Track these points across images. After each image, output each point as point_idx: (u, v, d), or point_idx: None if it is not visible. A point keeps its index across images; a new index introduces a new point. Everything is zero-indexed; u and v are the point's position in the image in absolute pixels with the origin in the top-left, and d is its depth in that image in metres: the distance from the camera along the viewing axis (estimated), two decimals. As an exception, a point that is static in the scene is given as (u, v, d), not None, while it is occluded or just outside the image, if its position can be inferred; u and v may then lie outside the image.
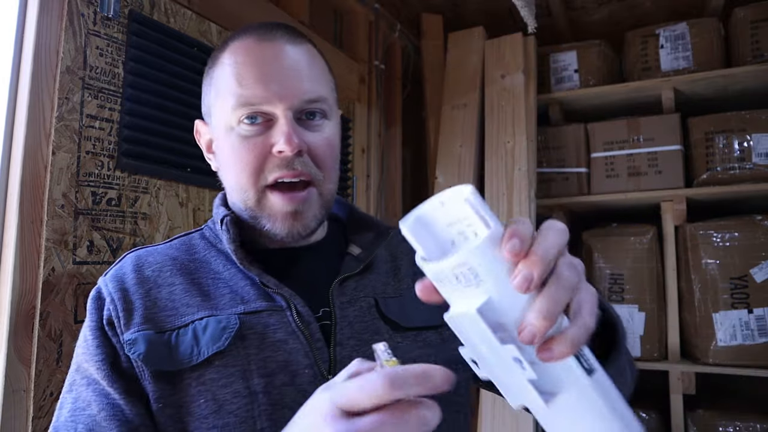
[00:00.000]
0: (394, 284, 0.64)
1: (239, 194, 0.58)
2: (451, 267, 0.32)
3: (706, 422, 1.57)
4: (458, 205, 0.33)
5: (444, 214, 0.35)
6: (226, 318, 0.54)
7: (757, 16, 1.68)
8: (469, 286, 0.32)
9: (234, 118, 0.57)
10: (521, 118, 1.74)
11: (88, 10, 0.90)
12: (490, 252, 0.31)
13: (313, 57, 0.60)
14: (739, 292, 1.56)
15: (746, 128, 1.64)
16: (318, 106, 0.58)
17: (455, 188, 0.33)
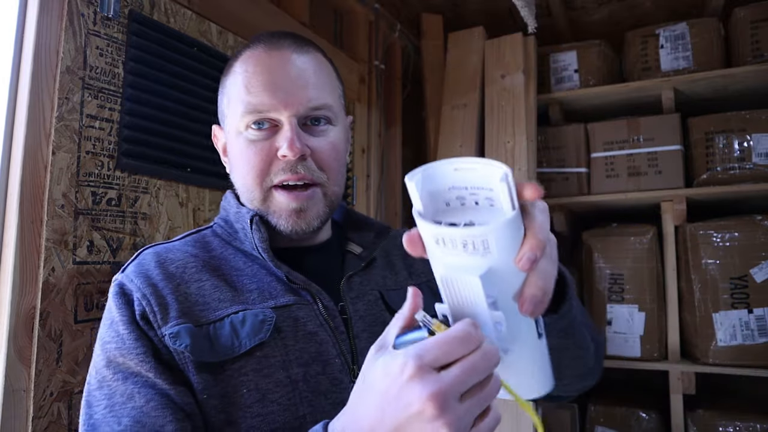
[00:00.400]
0: (393, 278, 0.69)
1: (247, 194, 0.62)
2: (467, 235, 0.35)
3: (706, 422, 1.57)
4: (476, 175, 0.36)
5: (451, 178, 0.37)
6: (262, 311, 0.57)
7: (757, 16, 1.68)
8: (474, 254, 0.36)
9: (243, 123, 0.61)
10: (521, 118, 1.74)
11: (88, 10, 0.90)
12: (509, 231, 0.35)
13: (319, 64, 0.64)
14: (739, 292, 1.56)
15: (746, 128, 1.64)
16: (322, 113, 0.62)
17: (485, 161, 0.35)
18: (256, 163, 0.60)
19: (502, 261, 0.36)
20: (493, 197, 0.37)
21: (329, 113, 0.62)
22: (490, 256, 0.36)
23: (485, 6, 2.00)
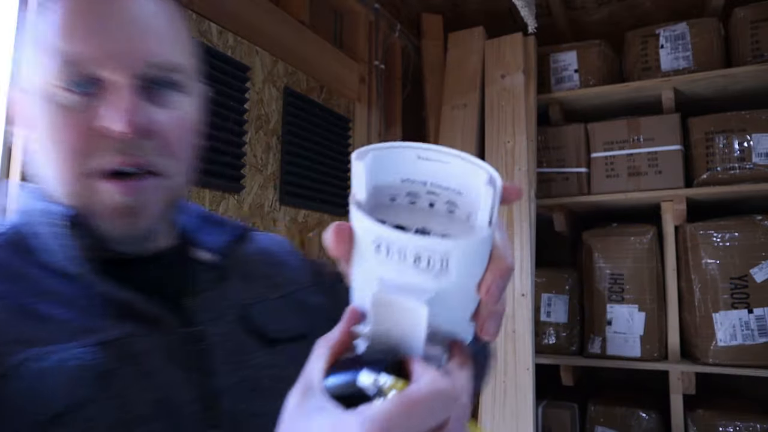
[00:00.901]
0: (254, 288, 0.52)
1: (57, 184, 0.45)
2: (425, 247, 0.27)
3: (706, 422, 1.57)
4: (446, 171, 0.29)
5: (410, 168, 0.30)
6: (82, 352, 0.39)
7: (757, 16, 1.68)
8: (426, 273, 0.27)
9: (52, 82, 0.42)
10: (521, 118, 1.74)
11: (89, 10, 0.90)
12: (479, 251, 0.28)
13: (168, 12, 0.49)
14: (739, 292, 1.56)
15: (746, 128, 1.64)
16: (171, 76, 0.46)
17: (465, 155, 0.29)
18: (70, 140, 0.42)
19: (458, 285, 0.28)
20: (459, 203, 0.30)
21: (180, 76, 0.48)
22: (446, 278, 0.27)
23: (485, 6, 2.00)
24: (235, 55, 1.21)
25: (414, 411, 0.25)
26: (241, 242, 0.55)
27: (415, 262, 0.27)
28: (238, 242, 0.54)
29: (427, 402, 0.25)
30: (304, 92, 1.45)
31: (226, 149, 1.17)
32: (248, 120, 1.24)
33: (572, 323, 1.82)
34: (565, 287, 1.85)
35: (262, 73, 1.30)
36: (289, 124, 1.38)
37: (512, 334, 1.58)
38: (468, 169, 0.29)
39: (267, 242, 0.60)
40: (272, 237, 0.63)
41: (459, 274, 0.28)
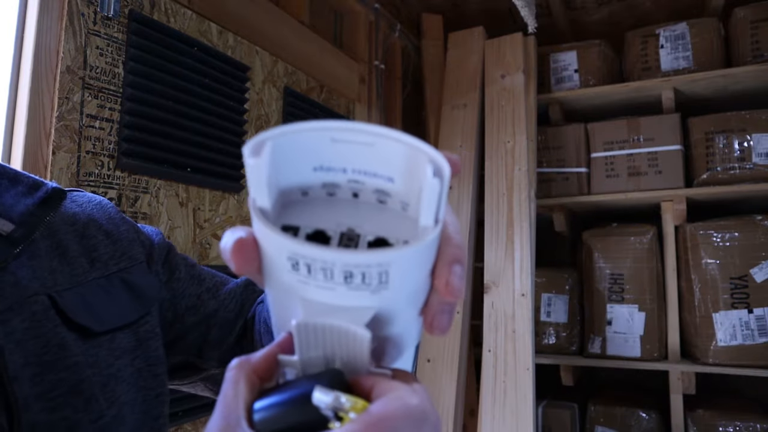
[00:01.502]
0: (67, 269, 0.42)
1: None
2: (357, 264, 0.22)
3: (706, 422, 1.57)
4: (370, 154, 0.23)
5: (322, 153, 0.23)
6: None
7: (757, 15, 1.68)
8: (361, 290, 0.22)
9: None
10: (521, 118, 1.74)
11: (88, 9, 0.90)
12: (424, 255, 0.23)
13: None
14: (739, 292, 1.56)
15: (746, 128, 1.64)
16: None
17: (393, 133, 0.22)
18: None
19: (403, 294, 0.24)
20: (391, 191, 0.24)
21: None
22: (387, 292, 0.23)
23: (485, 6, 2.00)
24: (235, 55, 1.21)
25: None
26: (48, 207, 0.43)
27: (347, 280, 0.22)
28: (43, 207, 0.42)
29: (398, 421, 0.21)
30: (304, 92, 1.44)
31: (226, 149, 1.17)
32: (248, 120, 1.24)
33: (572, 323, 1.82)
34: (565, 287, 1.85)
35: (262, 73, 1.30)
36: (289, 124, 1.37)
37: (512, 334, 1.58)
38: (400, 150, 0.22)
39: (85, 207, 0.47)
40: (93, 199, 0.49)
41: (403, 284, 0.23)
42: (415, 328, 0.27)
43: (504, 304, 1.60)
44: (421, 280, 0.24)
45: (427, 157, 0.22)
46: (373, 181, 0.24)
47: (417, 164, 0.22)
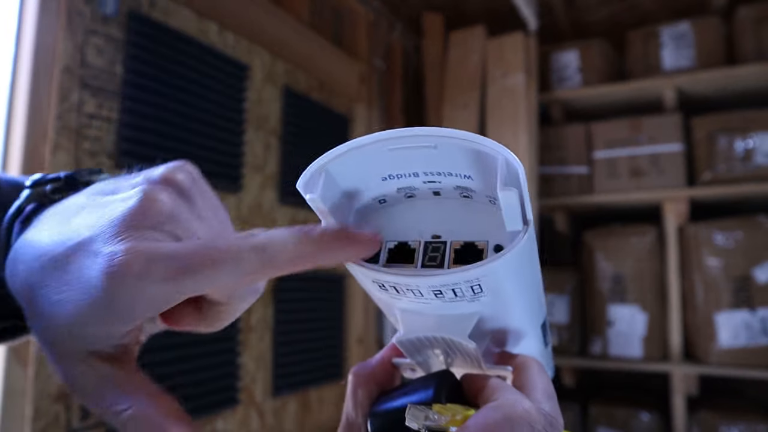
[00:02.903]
0: None
1: None
2: (443, 283, 0.21)
3: (709, 423, 1.56)
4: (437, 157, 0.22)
5: (385, 163, 0.22)
6: None
7: (761, 14, 1.67)
8: (454, 301, 0.22)
9: None
10: (522, 117, 1.74)
11: (87, 8, 0.90)
12: (520, 260, 0.22)
13: None
14: (742, 293, 1.55)
15: (749, 128, 1.63)
16: None
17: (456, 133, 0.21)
18: None
19: (506, 294, 0.23)
20: (473, 187, 0.23)
21: None
22: (486, 299, 0.22)
23: (486, 5, 1.99)
24: (234, 55, 1.20)
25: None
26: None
27: (437, 296, 0.21)
28: None
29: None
30: (303, 92, 1.44)
31: (225, 149, 1.17)
32: (247, 119, 1.24)
33: (573, 324, 1.82)
34: (566, 288, 1.84)
35: (262, 72, 1.29)
36: (289, 123, 1.37)
37: (513, 334, 1.57)
38: (467, 149, 0.21)
39: None
40: None
41: (503, 289, 0.22)
42: (534, 311, 0.26)
43: (505, 304, 1.59)
44: (527, 275, 0.23)
45: (497, 154, 0.20)
46: (450, 180, 0.22)
47: (488, 161, 0.21)
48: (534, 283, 0.24)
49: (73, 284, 0.20)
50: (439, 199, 0.24)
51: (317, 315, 1.44)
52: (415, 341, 0.23)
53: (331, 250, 0.21)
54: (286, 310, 1.32)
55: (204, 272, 0.19)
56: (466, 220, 0.23)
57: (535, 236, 0.22)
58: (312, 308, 1.43)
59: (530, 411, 0.20)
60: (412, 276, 0.21)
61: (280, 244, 0.20)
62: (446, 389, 0.22)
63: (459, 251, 0.22)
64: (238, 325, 1.17)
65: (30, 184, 0.26)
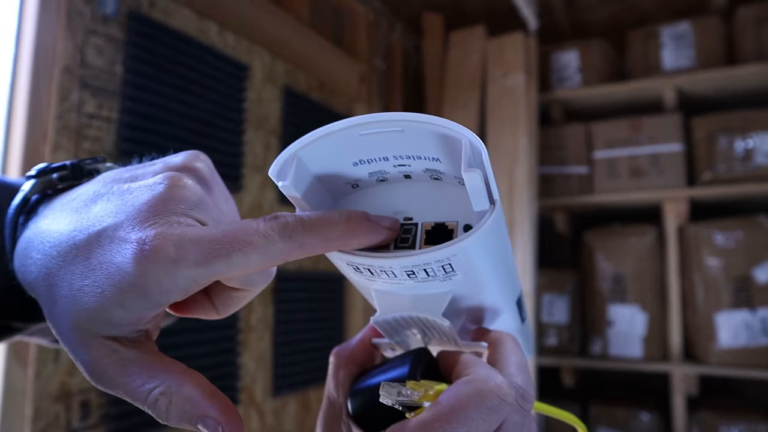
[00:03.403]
0: None
1: None
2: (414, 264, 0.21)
3: (709, 424, 1.56)
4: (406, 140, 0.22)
5: (356, 148, 0.22)
6: None
7: (761, 14, 1.67)
8: (427, 281, 0.22)
9: None
10: (522, 117, 1.74)
11: (87, 8, 0.90)
12: (489, 238, 0.22)
13: None
14: (742, 293, 1.55)
15: (749, 128, 1.63)
16: None
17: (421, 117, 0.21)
18: None
19: (477, 272, 0.23)
20: (441, 169, 0.23)
21: None
22: (457, 278, 0.22)
23: (486, 5, 1.99)
24: (234, 55, 1.20)
25: (448, 426, 0.20)
26: None
27: (410, 276, 0.22)
28: None
29: (470, 410, 0.20)
30: (303, 91, 1.44)
31: (225, 149, 1.17)
32: (247, 119, 1.24)
33: (573, 324, 1.82)
34: (567, 288, 1.84)
35: (262, 72, 1.29)
36: (289, 123, 1.37)
37: (513, 334, 1.57)
38: (432, 132, 0.21)
39: None
40: None
41: (474, 267, 0.22)
42: (508, 288, 0.26)
43: (505, 304, 1.59)
44: (497, 253, 0.23)
45: (457, 133, 0.20)
46: (419, 163, 0.23)
47: (453, 144, 0.21)
48: (505, 260, 0.25)
49: (98, 270, 0.20)
50: (410, 182, 0.24)
51: (317, 315, 1.44)
52: (391, 321, 0.24)
53: (357, 235, 0.22)
54: (286, 310, 1.32)
55: (235, 255, 0.19)
56: (436, 202, 0.23)
57: (503, 215, 0.23)
58: (312, 308, 1.43)
59: (501, 385, 0.21)
60: (384, 258, 0.21)
61: (309, 227, 0.21)
62: (422, 366, 0.23)
63: (430, 232, 0.23)
64: (238, 325, 1.17)
65: (35, 173, 0.26)
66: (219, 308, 0.25)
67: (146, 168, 0.24)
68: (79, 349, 0.20)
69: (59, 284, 0.20)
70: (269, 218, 0.21)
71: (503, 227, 0.23)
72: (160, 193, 0.21)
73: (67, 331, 0.20)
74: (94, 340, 0.20)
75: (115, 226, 0.20)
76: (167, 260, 0.19)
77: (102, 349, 0.20)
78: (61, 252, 0.21)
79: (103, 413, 0.89)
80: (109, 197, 0.22)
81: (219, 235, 0.20)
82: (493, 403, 0.20)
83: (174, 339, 1.01)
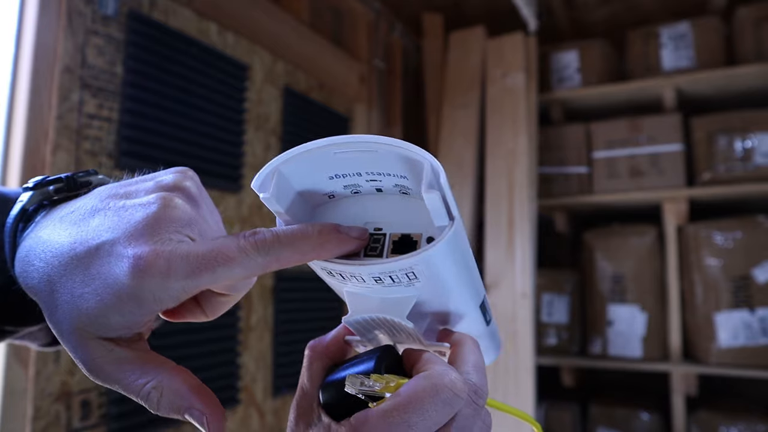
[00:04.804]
0: None
1: None
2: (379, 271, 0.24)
3: (708, 423, 1.56)
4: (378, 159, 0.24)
5: (332, 164, 0.25)
6: None
7: (760, 14, 1.68)
8: (392, 287, 0.25)
9: None
10: (522, 117, 1.74)
11: (87, 8, 0.90)
12: (449, 251, 0.24)
13: None
14: (742, 293, 1.55)
15: (749, 128, 1.63)
16: None
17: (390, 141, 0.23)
18: None
19: (440, 280, 0.25)
20: (409, 186, 0.25)
21: None
22: (420, 284, 0.24)
23: (486, 5, 1.99)
24: (234, 55, 1.21)
25: (405, 415, 0.22)
26: None
27: (377, 282, 0.24)
28: None
29: (426, 402, 0.22)
30: (303, 91, 1.44)
31: (225, 149, 1.17)
32: (247, 119, 1.24)
33: (573, 324, 1.82)
34: (566, 288, 1.84)
35: (262, 72, 1.30)
36: (289, 123, 1.37)
37: (513, 335, 1.57)
38: (399, 155, 0.23)
39: None
40: None
41: (436, 276, 0.24)
42: (470, 294, 0.28)
43: (505, 304, 1.59)
44: (458, 263, 0.25)
45: (420, 157, 0.23)
46: (389, 179, 0.25)
47: (417, 165, 0.24)
48: (465, 270, 0.26)
49: (97, 280, 0.22)
50: (382, 195, 0.26)
51: (317, 315, 1.44)
52: (360, 321, 0.26)
53: (329, 248, 0.24)
54: (286, 310, 1.32)
55: (219, 269, 0.22)
56: (404, 214, 0.26)
57: (462, 229, 0.25)
58: (312, 308, 1.43)
59: (455, 381, 0.23)
60: (354, 265, 0.24)
61: (284, 242, 0.24)
62: (386, 361, 0.25)
63: (397, 242, 0.25)
64: (238, 325, 1.17)
65: (32, 186, 0.28)
66: (207, 312, 0.28)
67: (139, 185, 0.26)
68: (79, 349, 0.23)
69: (60, 291, 0.23)
70: (249, 234, 0.23)
71: (462, 240, 0.25)
72: (154, 212, 0.23)
73: (68, 333, 0.23)
74: (93, 341, 0.23)
75: (113, 242, 0.23)
76: (160, 274, 0.22)
77: (99, 348, 0.23)
78: (62, 262, 0.23)
79: (104, 413, 0.89)
80: (105, 212, 0.24)
81: (205, 251, 0.22)
82: (447, 396, 0.22)
83: (174, 339, 1.01)
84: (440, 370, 0.23)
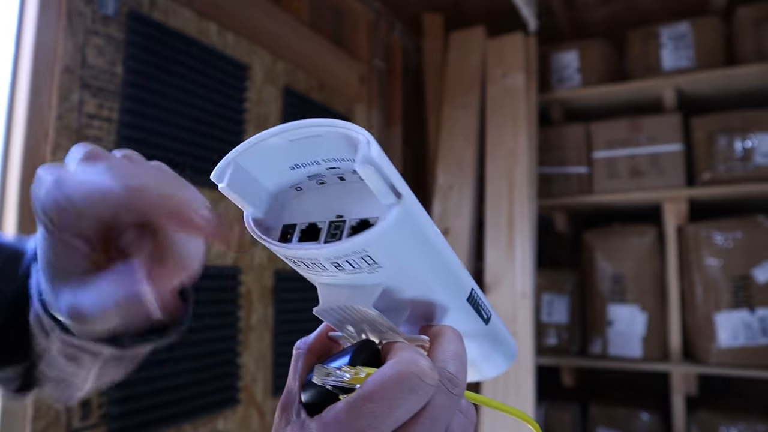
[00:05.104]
0: None
1: None
2: (334, 255, 0.23)
3: (708, 423, 1.57)
4: (328, 144, 0.24)
5: (289, 153, 0.25)
6: None
7: (760, 14, 1.68)
8: (354, 273, 0.24)
9: None
10: (522, 117, 1.74)
11: (87, 8, 0.90)
12: (402, 229, 0.23)
13: None
14: (742, 293, 1.55)
15: (749, 128, 1.63)
16: None
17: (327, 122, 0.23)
18: None
19: (403, 265, 0.24)
20: None
21: None
22: (383, 270, 0.24)
23: (486, 5, 1.99)
24: (234, 55, 1.21)
25: (371, 405, 0.21)
26: None
27: (338, 268, 0.24)
28: None
29: (392, 390, 0.21)
30: (303, 91, 1.44)
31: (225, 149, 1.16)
32: (247, 119, 1.24)
33: (573, 324, 1.82)
34: (566, 288, 1.84)
35: (262, 72, 1.29)
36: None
37: (513, 335, 1.57)
38: (338, 135, 0.23)
39: None
40: None
41: (396, 259, 0.24)
42: (448, 283, 0.27)
43: (505, 304, 1.59)
44: (417, 245, 0.24)
45: (355, 133, 0.22)
46: (345, 165, 0.25)
47: (357, 145, 0.23)
48: (431, 253, 0.26)
49: None
50: (345, 183, 0.26)
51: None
52: (330, 311, 0.26)
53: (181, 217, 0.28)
54: (286, 310, 1.32)
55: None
56: (365, 200, 0.25)
57: (418, 208, 0.24)
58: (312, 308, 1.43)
59: (422, 367, 0.22)
60: (309, 249, 0.24)
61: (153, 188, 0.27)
62: (363, 354, 0.24)
63: (355, 227, 0.25)
64: (238, 325, 1.17)
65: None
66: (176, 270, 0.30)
67: None
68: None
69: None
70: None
71: (420, 220, 0.24)
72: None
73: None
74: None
75: None
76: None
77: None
78: None
79: (104, 413, 0.89)
80: None
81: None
82: (413, 383, 0.21)
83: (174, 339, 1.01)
84: (408, 357, 0.22)
